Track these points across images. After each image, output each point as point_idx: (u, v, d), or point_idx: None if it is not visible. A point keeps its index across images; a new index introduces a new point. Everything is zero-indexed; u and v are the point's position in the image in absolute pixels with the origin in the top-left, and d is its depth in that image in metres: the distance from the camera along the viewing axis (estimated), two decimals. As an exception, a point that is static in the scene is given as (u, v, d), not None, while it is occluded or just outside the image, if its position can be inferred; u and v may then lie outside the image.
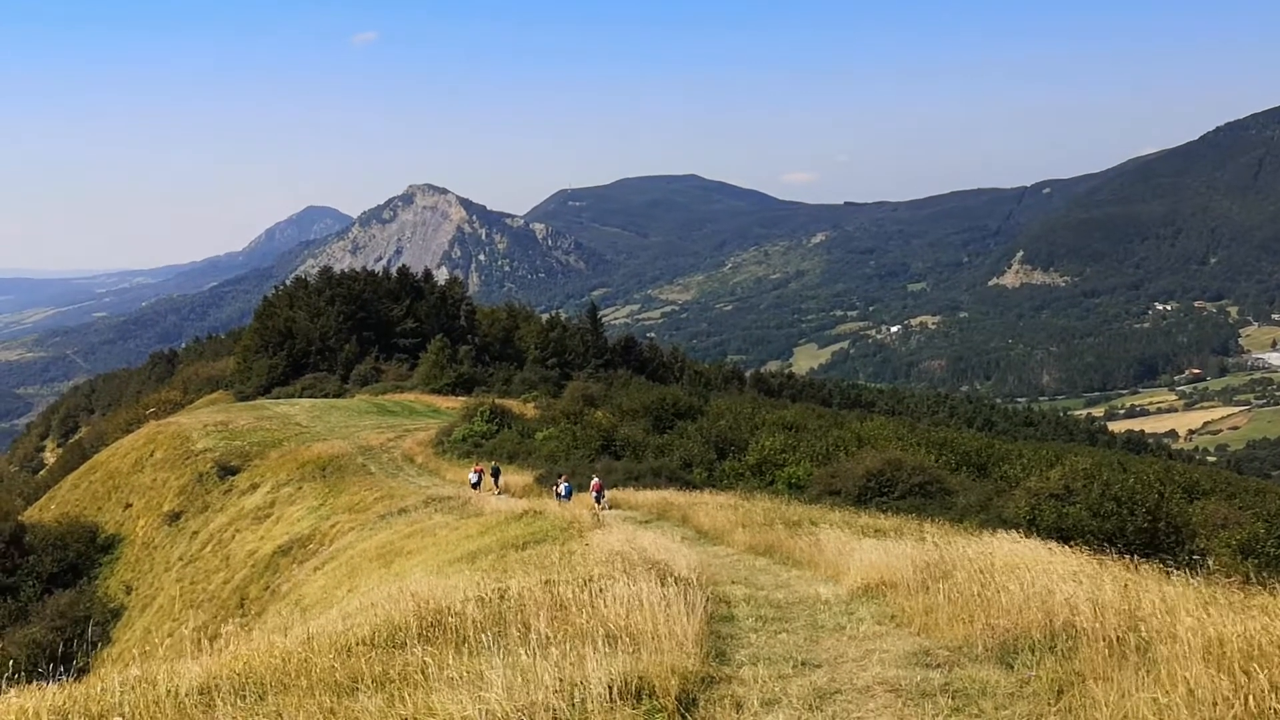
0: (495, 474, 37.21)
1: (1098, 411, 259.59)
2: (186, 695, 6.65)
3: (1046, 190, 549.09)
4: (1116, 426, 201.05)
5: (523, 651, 7.02)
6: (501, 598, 9.20)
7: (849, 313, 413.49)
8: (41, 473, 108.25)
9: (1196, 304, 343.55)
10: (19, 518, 53.64)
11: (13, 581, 46.35)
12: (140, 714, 6.36)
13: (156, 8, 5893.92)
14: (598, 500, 28.93)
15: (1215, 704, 5.27)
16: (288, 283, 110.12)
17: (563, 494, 30.13)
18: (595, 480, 30.70)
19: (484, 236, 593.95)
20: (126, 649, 36.10)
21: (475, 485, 35.54)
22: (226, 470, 50.67)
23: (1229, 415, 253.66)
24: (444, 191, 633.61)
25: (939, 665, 7.63)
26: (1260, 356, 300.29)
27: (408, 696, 6.34)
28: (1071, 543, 12.52)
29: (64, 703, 6.64)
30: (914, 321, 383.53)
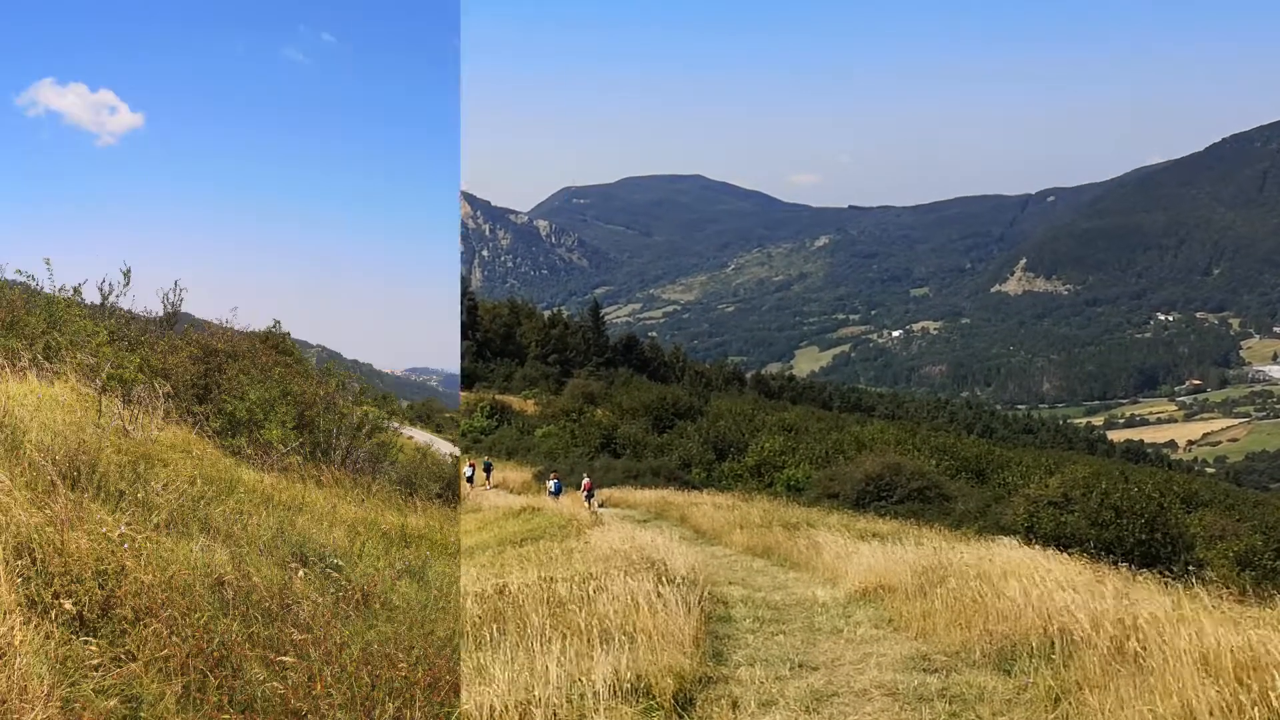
0: (487, 469, 37.27)
1: (1097, 420, 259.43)
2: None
3: (1050, 198, 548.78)
4: (1116, 435, 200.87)
5: (521, 647, 7.03)
6: (500, 593, 9.22)
7: (851, 316, 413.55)
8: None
9: (1198, 315, 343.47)
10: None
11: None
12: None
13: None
14: (588, 499, 28.95)
15: (1210, 714, 5.28)
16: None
17: (553, 490, 30.21)
18: (585, 479, 30.74)
19: (487, 232, 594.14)
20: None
21: (469, 480, 35.67)
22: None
23: (1229, 427, 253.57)
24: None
25: (936, 670, 7.64)
26: (1261, 369, 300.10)
27: (406, 689, 6.34)
28: (1070, 551, 12.55)
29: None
30: (916, 326, 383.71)
